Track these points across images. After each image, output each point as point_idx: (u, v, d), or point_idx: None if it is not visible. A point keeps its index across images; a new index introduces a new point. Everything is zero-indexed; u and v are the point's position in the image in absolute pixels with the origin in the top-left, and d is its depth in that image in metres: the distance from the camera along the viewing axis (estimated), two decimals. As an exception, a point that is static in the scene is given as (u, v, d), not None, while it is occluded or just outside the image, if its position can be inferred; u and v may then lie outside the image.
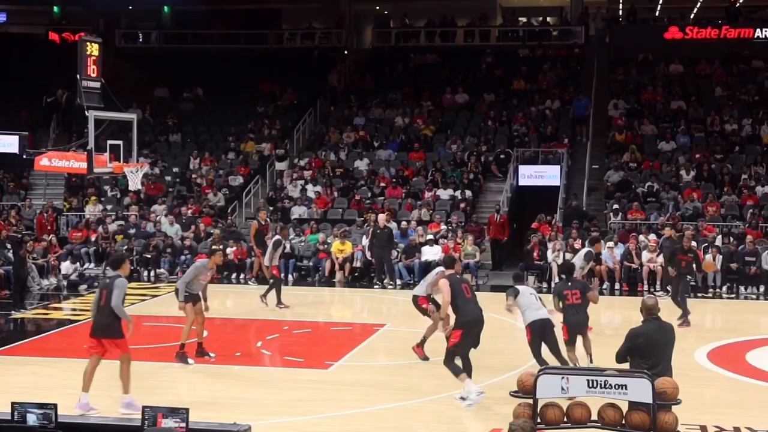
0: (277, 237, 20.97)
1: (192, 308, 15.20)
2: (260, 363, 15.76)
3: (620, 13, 41.11)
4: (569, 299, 13.92)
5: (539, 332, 13.09)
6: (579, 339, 14.17)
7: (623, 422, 9.26)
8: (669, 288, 20.59)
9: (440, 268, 14.76)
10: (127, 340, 12.21)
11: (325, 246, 25.59)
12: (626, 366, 9.88)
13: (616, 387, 9.10)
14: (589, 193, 29.00)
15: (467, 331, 12.65)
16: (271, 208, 28.45)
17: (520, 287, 13.69)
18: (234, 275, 25.35)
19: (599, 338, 18.11)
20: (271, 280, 20.80)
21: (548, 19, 41.19)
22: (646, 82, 34.72)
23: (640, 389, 9.06)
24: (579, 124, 32.21)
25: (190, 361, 15.06)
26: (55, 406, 8.95)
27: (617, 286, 24.06)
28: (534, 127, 32.10)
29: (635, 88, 34.50)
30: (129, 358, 12.18)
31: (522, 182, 28.64)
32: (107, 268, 13.14)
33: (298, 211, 28.46)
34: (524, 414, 9.19)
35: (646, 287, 23.62)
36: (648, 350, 9.86)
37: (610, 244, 24.48)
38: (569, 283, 14.30)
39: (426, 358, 15.19)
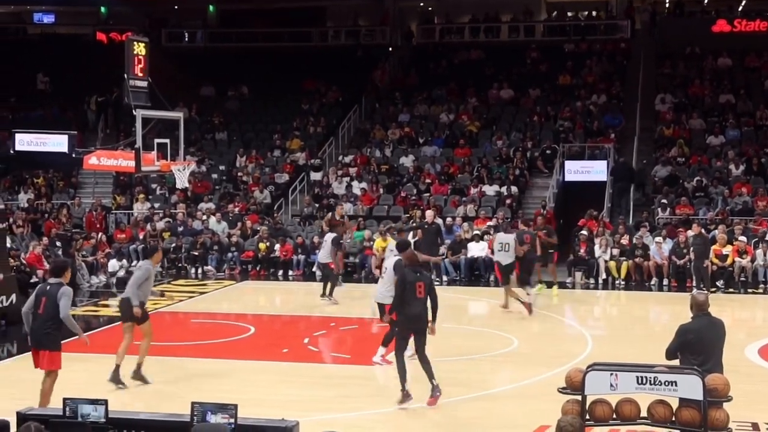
0: (335, 234, 21.34)
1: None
2: (307, 359, 15.80)
3: (667, 6, 40.70)
4: None
5: None
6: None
7: (673, 419, 9.16)
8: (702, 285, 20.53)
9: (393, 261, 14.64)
10: (61, 354, 11.56)
11: (371, 243, 25.61)
12: (676, 363, 9.78)
13: (666, 384, 9.01)
14: (636, 188, 28.76)
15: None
16: (316, 205, 28.54)
17: None
18: (281, 272, 25.44)
19: (649, 334, 18.01)
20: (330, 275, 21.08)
21: (593, 13, 40.88)
22: (693, 75, 34.33)
23: (691, 386, 8.96)
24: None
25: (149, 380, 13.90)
26: (105, 401, 9.03)
27: (665, 282, 23.80)
28: (580, 122, 31.89)
29: (682, 81, 34.12)
30: (56, 376, 11.53)
31: (568, 178, 28.45)
32: (49, 274, 12.41)
33: (344, 208, 28.47)
34: (573, 411, 9.12)
35: (695, 283, 23.37)
36: (698, 346, 9.74)
37: (658, 239, 24.25)
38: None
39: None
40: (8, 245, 21.41)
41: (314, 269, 24.21)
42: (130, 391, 12.64)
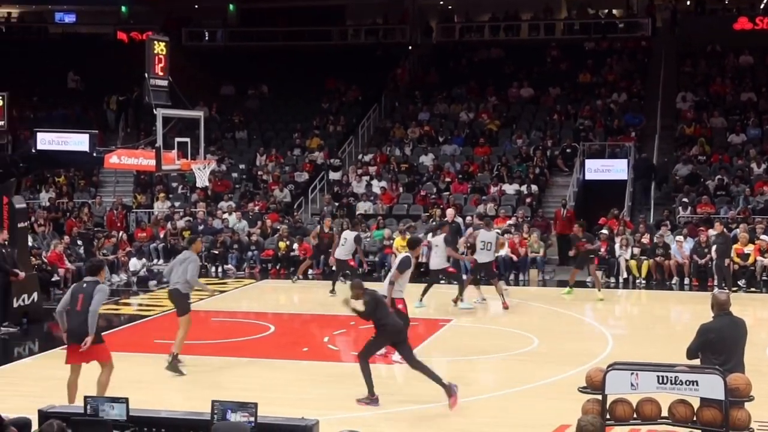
0: (357, 233, 21.83)
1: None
2: (327, 358, 15.81)
3: (688, 3, 40.49)
4: None
5: None
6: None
7: (694, 419, 9.12)
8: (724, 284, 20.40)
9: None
10: (106, 345, 11.71)
11: (391, 241, 25.59)
12: (697, 362, 9.73)
13: (687, 383, 8.96)
14: (657, 187, 28.65)
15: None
16: (336, 204, 28.56)
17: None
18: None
19: (670, 333, 17.94)
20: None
21: (614, 11, 40.74)
22: (714, 73, 34.16)
23: (712, 385, 8.91)
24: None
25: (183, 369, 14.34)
26: (126, 399, 9.07)
27: (686, 281, 23.70)
28: (600, 121, 31.79)
29: (703, 80, 33.95)
30: (111, 367, 11.62)
31: (588, 176, 28.36)
32: (85, 273, 12.52)
33: (363, 207, 28.52)
34: (593, 410, 9.09)
35: (716, 282, 23.26)
36: (719, 346, 9.69)
37: (679, 238, 24.14)
38: None
39: None
40: (30, 244, 21.54)
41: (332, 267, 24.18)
42: (150, 389, 12.68)
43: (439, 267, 20.45)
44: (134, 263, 25.15)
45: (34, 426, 9.03)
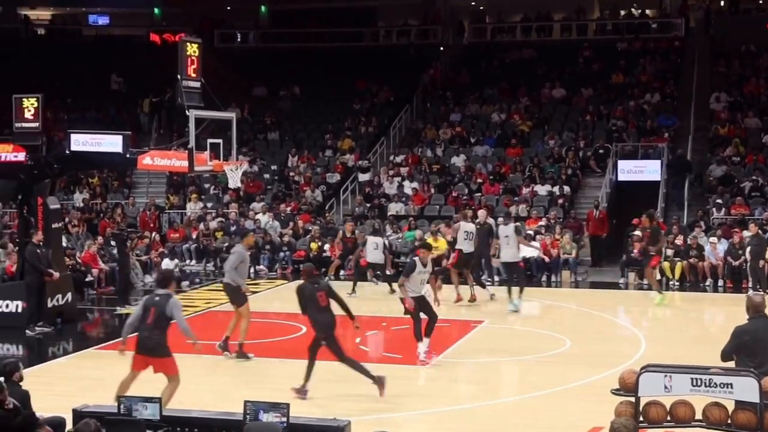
0: (382, 239, 22.25)
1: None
2: (359, 359, 15.78)
3: (722, 3, 40.18)
4: None
5: None
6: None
7: (729, 422, 9.04)
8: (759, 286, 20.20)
9: None
10: (174, 359, 11.59)
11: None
12: (732, 364, 9.65)
13: (722, 386, 8.89)
14: (691, 188, 28.45)
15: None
16: (368, 205, 28.57)
17: None
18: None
19: (704, 336, 17.82)
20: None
21: (647, 11, 40.50)
22: (748, 74, 33.86)
23: (747, 388, 8.83)
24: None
25: (250, 355, 15.28)
26: (159, 399, 9.13)
27: (720, 282, 23.51)
28: (633, 122, 31.61)
29: (737, 80, 33.67)
30: (177, 381, 11.51)
31: (621, 177, 28.23)
32: (155, 285, 12.60)
33: (395, 208, 28.51)
34: (626, 412, 9.04)
35: (751, 284, 23.06)
36: (754, 348, 9.61)
37: (713, 239, 23.95)
38: None
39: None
40: (64, 244, 21.73)
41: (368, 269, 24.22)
42: (183, 389, 12.73)
43: (512, 260, 20.13)
44: (166, 264, 25.26)
45: (69, 425, 9.11)
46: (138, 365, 11.48)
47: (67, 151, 18.67)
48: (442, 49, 39.40)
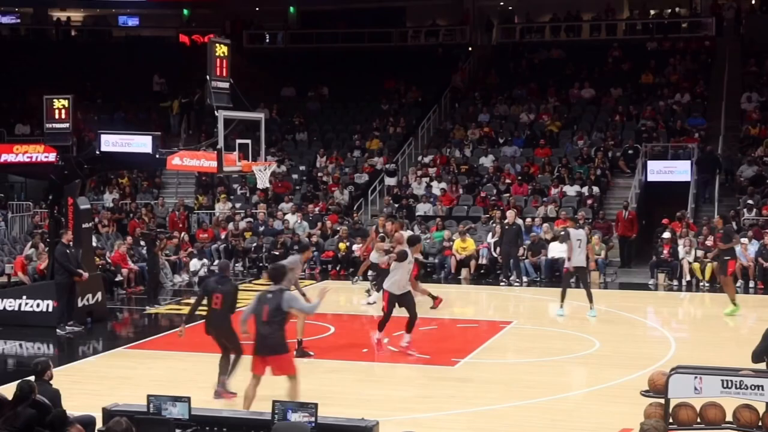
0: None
1: None
2: (387, 359, 15.82)
3: (753, 2, 39.86)
4: None
5: None
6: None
7: (760, 424, 8.98)
8: None
9: None
10: (292, 356, 11.69)
11: (451, 243, 25.54)
12: (763, 366, 9.59)
13: (752, 388, 8.84)
14: (721, 188, 28.25)
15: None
16: (396, 205, 28.55)
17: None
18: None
19: (734, 337, 17.69)
20: None
21: (677, 10, 40.26)
22: (780, 73, 33.63)
23: (778, 390, 8.78)
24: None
25: (311, 352, 15.44)
26: (188, 399, 9.17)
27: (751, 284, 23.34)
28: (663, 122, 31.42)
29: (769, 80, 33.45)
30: (297, 380, 11.46)
31: (651, 178, 28.07)
32: (269, 280, 12.38)
33: (423, 209, 28.49)
34: (656, 414, 9.00)
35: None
36: (786, 350, 9.55)
37: (744, 240, 23.76)
38: None
39: None
40: (94, 244, 21.88)
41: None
42: (212, 388, 12.79)
43: (582, 264, 19.67)
44: (195, 264, 25.38)
45: (99, 424, 9.16)
46: (258, 368, 11.45)
47: (98, 152, 18.81)
48: (470, 49, 39.32)
